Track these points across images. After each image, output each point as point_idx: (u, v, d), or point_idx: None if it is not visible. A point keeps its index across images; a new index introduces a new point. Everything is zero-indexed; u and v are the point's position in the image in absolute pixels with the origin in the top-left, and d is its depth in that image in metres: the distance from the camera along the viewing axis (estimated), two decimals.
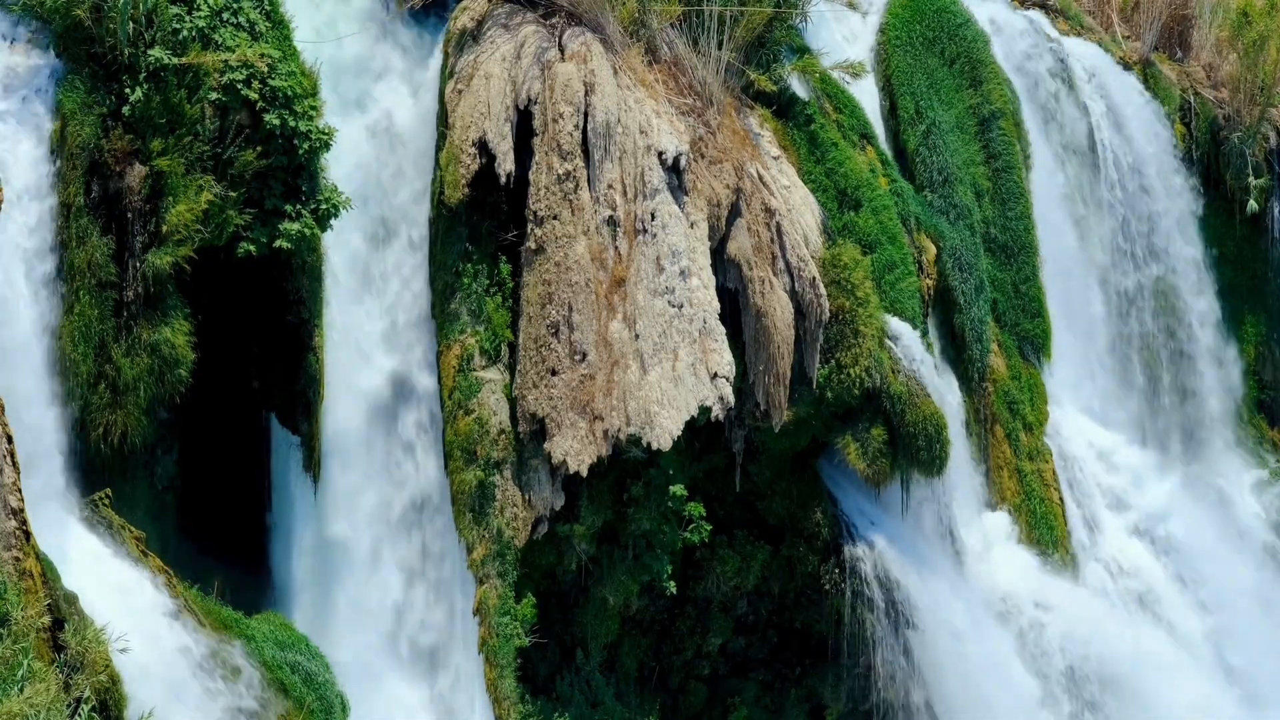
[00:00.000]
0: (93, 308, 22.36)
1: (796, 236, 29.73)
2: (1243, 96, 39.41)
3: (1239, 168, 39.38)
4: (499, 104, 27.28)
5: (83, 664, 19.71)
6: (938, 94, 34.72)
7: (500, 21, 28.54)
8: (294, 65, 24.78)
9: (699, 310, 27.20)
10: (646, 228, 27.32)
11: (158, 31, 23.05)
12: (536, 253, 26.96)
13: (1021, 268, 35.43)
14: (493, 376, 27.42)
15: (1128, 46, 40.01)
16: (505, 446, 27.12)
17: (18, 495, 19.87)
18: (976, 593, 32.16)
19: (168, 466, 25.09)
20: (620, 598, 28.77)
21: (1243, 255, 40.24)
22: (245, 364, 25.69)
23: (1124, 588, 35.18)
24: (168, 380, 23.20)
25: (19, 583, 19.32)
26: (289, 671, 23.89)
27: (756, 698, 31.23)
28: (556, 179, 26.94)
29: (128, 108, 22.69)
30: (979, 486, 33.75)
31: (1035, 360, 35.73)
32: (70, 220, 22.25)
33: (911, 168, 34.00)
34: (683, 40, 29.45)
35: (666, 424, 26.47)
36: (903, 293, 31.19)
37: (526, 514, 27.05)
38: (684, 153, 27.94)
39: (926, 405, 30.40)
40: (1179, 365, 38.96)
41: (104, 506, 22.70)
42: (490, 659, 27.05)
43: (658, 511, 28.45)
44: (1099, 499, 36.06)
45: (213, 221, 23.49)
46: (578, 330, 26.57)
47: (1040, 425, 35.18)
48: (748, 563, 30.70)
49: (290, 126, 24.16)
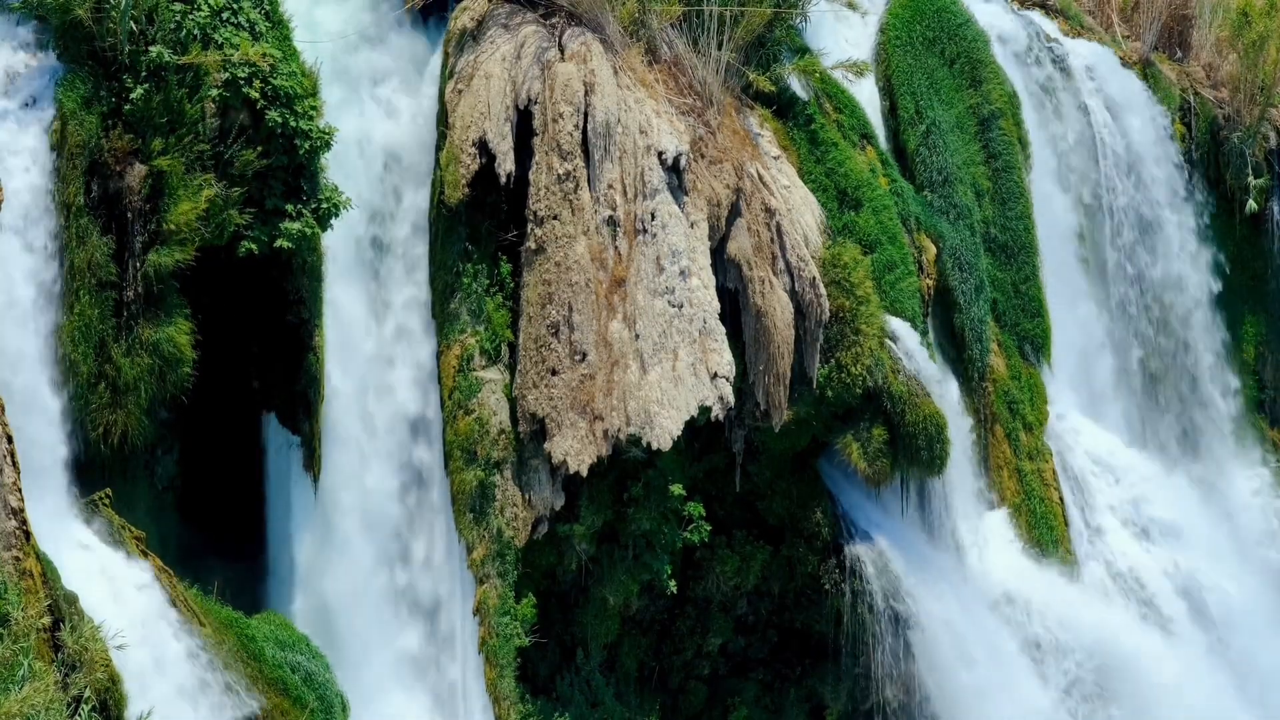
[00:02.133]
0: (93, 307, 22.35)
1: (796, 236, 29.73)
2: (1243, 96, 39.41)
3: (1239, 168, 39.39)
4: (499, 104, 27.28)
5: (80, 663, 19.70)
6: (938, 94, 34.71)
7: (500, 21, 28.54)
8: (294, 65, 24.79)
9: (699, 310, 27.20)
10: (646, 228, 27.32)
11: (158, 30, 23.05)
12: (536, 253, 26.96)
13: (1021, 268, 35.42)
14: (493, 376, 27.42)
15: (1128, 46, 40.00)
16: (505, 446, 27.12)
17: (18, 495, 19.88)
18: (976, 592, 32.14)
19: (168, 466, 25.09)
20: (620, 597, 28.77)
21: (1243, 255, 40.23)
22: (245, 364, 25.69)
23: (1123, 587, 35.17)
24: (168, 380, 23.20)
25: (19, 583, 19.32)
26: (289, 671, 23.88)
27: (756, 698, 31.22)
28: (556, 179, 26.94)
29: (128, 107, 22.69)
30: (979, 486, 33.74)
31: (1035, 360, 35.72)
32: (70, 220, 22.24)
33: (911, 168, 33.99)
34: (683, 40, 29.45)
35: (666, 424, 26.46)
36: (903, 292, 31.18)
37: (526, 514, 27.04)
38: (684, 153, 27.94)
39: (927, 405, 30.39)
40: (1179, 365, 38.95)
41: (104, 506, 22.69)
42: (490, 659, 27.04)
43: (658, 511, 28.45)
44: (1099, 499, 36.05)
45: (213, 221, 23.49)
46: (578, 330, 26.56)
47: (1040, 425, 35.17)
48: (747, 563, 30.70)
49: (291, 126, 24.17)
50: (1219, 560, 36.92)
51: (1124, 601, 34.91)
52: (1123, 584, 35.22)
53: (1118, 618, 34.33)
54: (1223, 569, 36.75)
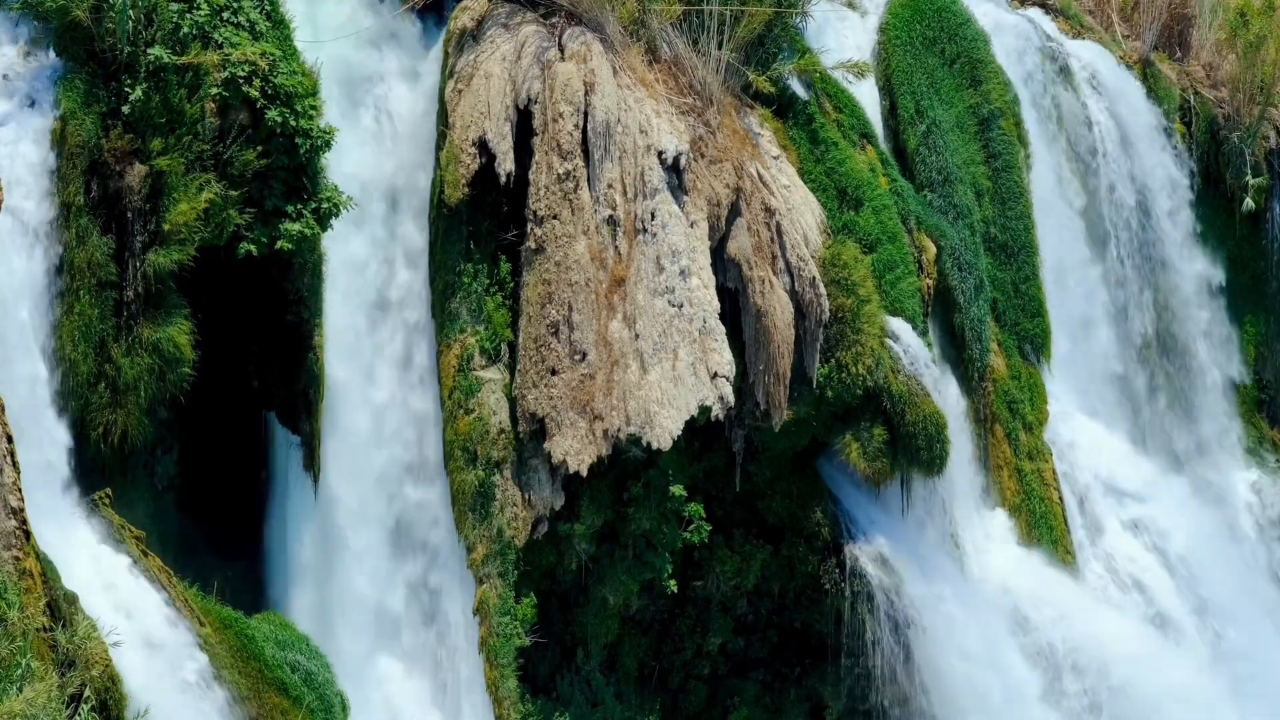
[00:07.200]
0: (93, 307, 22.35)
1: (796, 236, 29.73)
2: (1242, 96, 39.43)
3: (1239, 167, 39.39)
4: (499, 104, 27.28)
5: (77, 661, 19.69)
6: (938, 93, 34.71)
7: (500, 21, 28.53)
8: (294, 65, 24.78)
9: (699, 310, 27.20)
10: (646, 227, 27.32)
11: (157, 30, 23.03)
12: (536, 252, 26.96)
13: (1021, 267, 35.41)
14: (493, 376, 27.42)
15: (1127, 46, 40.00)
16: (505, 446, 27.12)
17: (18, 495, 19.87)
18: (976, 592, 32.14)
19: (168, 466, 25.08)
20: (620, 597, 28.77)
21: (1243, 255, 40.22)
22: (245, 364, 25.68)
23: (1123, 586, 35.17)
24: (168, 380, 23.20)
25: (19, 582, 19.32)
26: (289, 671, 23.88)
27: (756, 697, 31.22)
28: (556, 178, 26.94)
29: (127, 107, 22.68)
30: (979, 486, 33.74)
31: (1035, 360, 35.72)
32: (70, 220, 22.24)
33: (911, 167, 33.98)
34: (683, 40, 29.45)
35: (666, 424, 26.46)
36: (903, 292, 31.17)
37: (527, 514, 27.04)
38: (684, 152, 27.94)
39: (927, 405, 30.39)
40: (1178, 365, 38.95)
41: (104, 506, 22.69)
42: (490, 659, 27.04)
43: (658, 511, 28.44)
44: (1099, 499, 36.05)
45: (213, 221, 23.48)
46: (578, 330, 26.56)
47: (1040, 425, 35.16)
48: (748, 562, 30.70)
49: (291, 125, 24.16)
50: (1219, 560, 36.92)
51: (1124, 601, 34.92)
52: (1122, 584, 35.23)
53: (1117, 617, 34.34)
54: (1222, 569, 36.75)
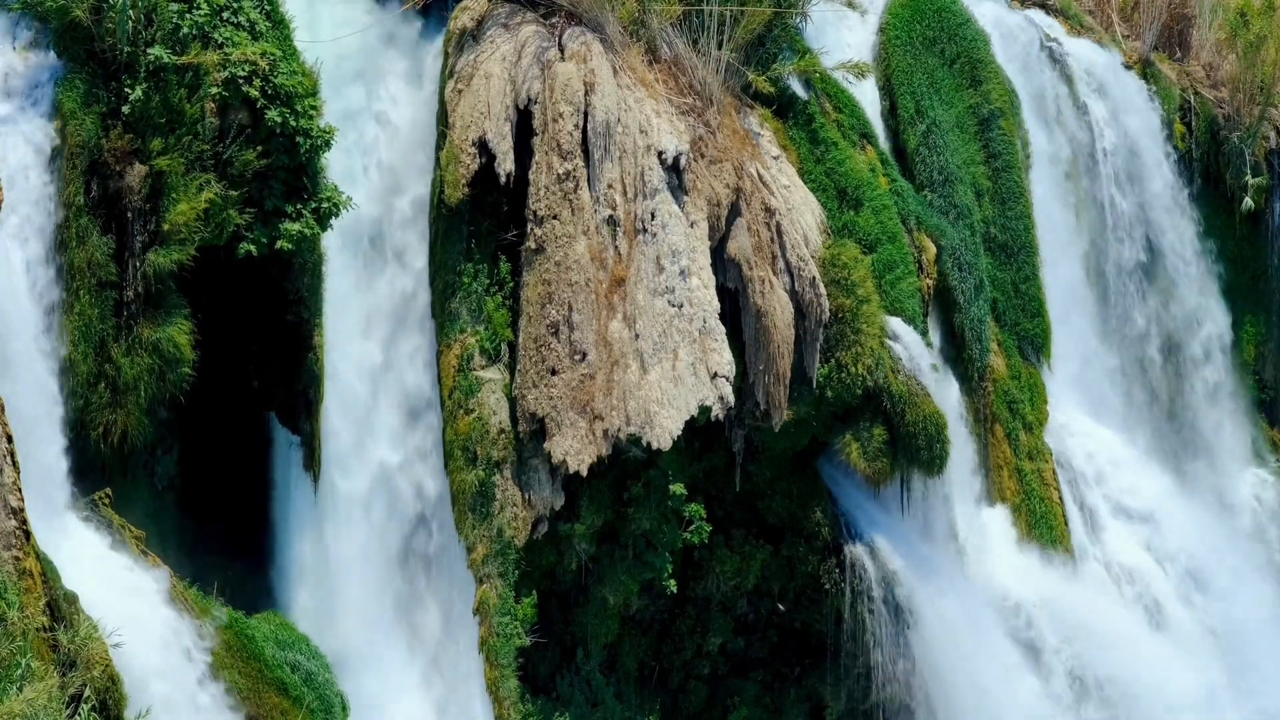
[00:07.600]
0: (93, 307, 22.36)
1: (796, 236, 29.73)
2: (1242, 96, 39.43)
3: (1239, 167, 39.39)
4: (499, 104, 27.28)
5: (78, 661, 19.69)
6: (938, 93, 34.71)
7: (500, 21, 28.53)
8: (294, 65, 24.78)
9: (699, 310, 27.20)
10: (646, 227, 27.32)
11: (157, 30, 23.03)
12: (536, 252, 26.96)
13: (1021, 267, 35.41)
14: (493, 376, 27.42)
15: (1128, 46, 40.01)
16: (505, 446, 27.12)
17: (18, 495, 19.87)
18: (976, 592, 32.15)
19: (168, 466, 25.07)
20: (620, 597, 28.77)
21: (1243, 255, 40.23)
22: (245, 363, 25.68)
23: (1122, 585, 35.18)
24: (168, 380, 23.20)
25: (19, 582, 19.32)
26: (289, 671, 23.88)
27: (756, 697, 31.22)
28: (556, 179, 26.94)
29: (127, 107, 22.68)
30: (979, 486, 33.73)
31: (1035, 360, 35.72)
32: (70, 220, 22.24)
33: (911, 167, 33.97)
34: (683, 40, 29.45)
35: (666, 424, 26.47)
36: (903, 292, 31.18)
37: (527, 513, 27.05)
38: (684, 152, 27.94)
39: (927, 405, 30.39)
40: (1178, 365, 38.95)
41: (104, 506, 22.69)
42: (490, 658, 27.04)
43: (658, 511, 28.44)
44: (1098, 498, 36.06)
45: (213, 221, 23.49)
46: (578, 330, 26.57)
47: (1040, 425, 35.17)
48: (747, 562, 30.69)
49: (291, 125, 24.15)
50: (1218, 560, 36.94)
51: (1123, 600, 34.93)
52: (1122, 583, 35.24)
53: (1117, 617, 34.35)
54: (1222, 568, 36.76)
